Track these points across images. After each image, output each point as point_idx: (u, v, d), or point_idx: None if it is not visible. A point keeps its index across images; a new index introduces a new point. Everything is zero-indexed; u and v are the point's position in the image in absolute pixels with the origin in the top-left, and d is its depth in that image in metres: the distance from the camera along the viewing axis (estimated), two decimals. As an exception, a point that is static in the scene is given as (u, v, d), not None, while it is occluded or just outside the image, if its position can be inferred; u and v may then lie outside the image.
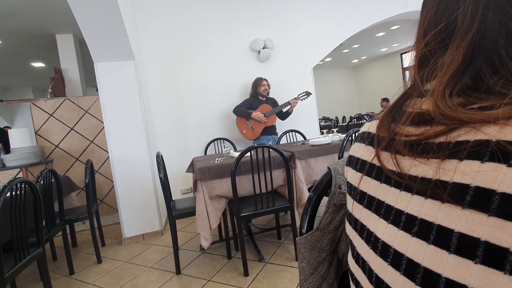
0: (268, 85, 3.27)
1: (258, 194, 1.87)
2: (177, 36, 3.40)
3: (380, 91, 9.78)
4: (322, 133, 3.26)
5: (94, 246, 2.29)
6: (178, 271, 1.96)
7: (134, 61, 2.62)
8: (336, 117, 9.30)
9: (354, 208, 0.38)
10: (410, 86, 0.34)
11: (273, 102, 3.27)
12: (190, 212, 1.98)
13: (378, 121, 0.36)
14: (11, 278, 1.40)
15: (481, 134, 0.24)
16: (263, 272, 1.85)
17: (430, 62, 0.32)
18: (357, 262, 0.36)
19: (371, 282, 0.32)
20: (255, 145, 1.83)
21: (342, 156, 2.08)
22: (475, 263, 0.21)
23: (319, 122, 5.68)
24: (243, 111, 3.16)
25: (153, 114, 3.28)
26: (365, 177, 0.36)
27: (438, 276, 0.23)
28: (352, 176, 0.40)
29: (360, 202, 0.37)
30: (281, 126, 3.52)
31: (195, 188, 1.93)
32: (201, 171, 1.88)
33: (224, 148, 2.76)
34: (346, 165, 0.44)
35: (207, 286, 1.77)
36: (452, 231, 0.23)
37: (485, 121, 0.24)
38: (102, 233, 2.69)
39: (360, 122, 5.71)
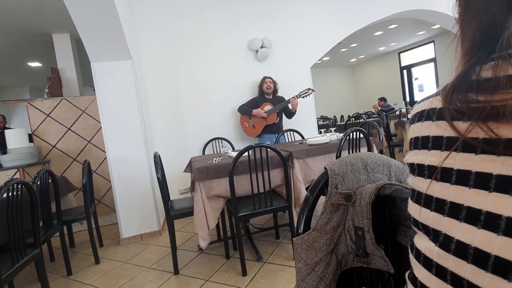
0: (273, 82, 3.34)
1: (256, 194, 1.87)
2: (175, 36, 3.39)
3: (378, 90, 9.80)
4: (320, 132, 3.26)
5: (92, 247, 2.28)
6: (176, 271, 1.96)
7: (132, 60, 2.60)
8: (335, 116, 9.30)
9: (436, 188, 0.34)
10: (476, 59, 0.32)
11: (279, 101, 3.29)
12: (188, 212, 1.98)
13: (441, 96, 0.34)
14: (8, 279, 1.39)
15: None
16: (261, 271, 1.85)
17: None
18: (449, 249, 0.32)
19: (477, 264, 0.29)
20: (253, 144, 1.82)
21: (339, 156, 2.09)
22: None
23: (317, 121, 5.68)
24: (245, 109, 3.28)
25: (151, 113, 3.27)
26: (464, 154, 0.32)
27: None
28: (428, 156, 0.36)
29: (446, 180, 0.33)
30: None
31: (192, 188, 1.92)
32: (199, 171, 1.87)
33: (222, 147, 2.75)
34: (412, 149, 0.40)
35: (205, 286, 1.77)
36: None
37: None
38: (100, 234, 2.68)
39: (358, 121, 5.71)
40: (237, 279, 1.79)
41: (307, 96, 3.22)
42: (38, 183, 1.93)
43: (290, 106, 3.24)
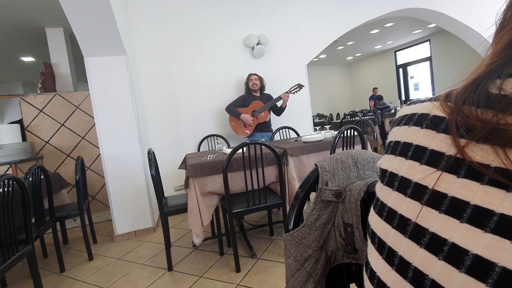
0: (259, 79, 3.23)
1: (250, 191, 1.87)
2: (170, 32, 3.36)
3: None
4: (315, 130, 3.27)
5: (85, 243, 2.27)
6: (170, 268, 1.96)
7: (126, 56, 2.58)
8: (331, 114, 9.34)
9: (403, 204, 0.31)
10: (498, 64, 0.28)
11: (268, 98, 3.24)
12: (182, 209, 1.98)
13: (441, 103, 0.30)
14: (0, 275, 1.38)
15: None
16: (254, 268, 1.86)
17: None
18: (406, 276, 0.29)
19: None
20: (248, 141, 1.82)
21: (334, 153, 2.09)
22: None
23: (313, 119, 5.69)
24: (233, 111, 3.17)
25: (145, 110, 3.25)
26: (445, 175, 0.28)
27: None
28: (404, 166, 0.32)
29: (417, 198, 0.29)
30: (275, 122, 3.52)
31: (187, 185, 1.92)
32: (193, 168, 1.87)
33: (217, 144, 2.75)
34: (389, 153, 0.35)
35: (198, 282, 1.77)
36: None
37: None
38: (94, 230, 2.67)
39: (353, 119, 5.74)
40: (231, 276, 1.79)
41: (298, 91, 3.20)
42: (30, 179, 1.91)
43: (281, 102, 3.19)
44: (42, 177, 2.10)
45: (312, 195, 0.69)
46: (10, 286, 2.00)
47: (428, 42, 8.52)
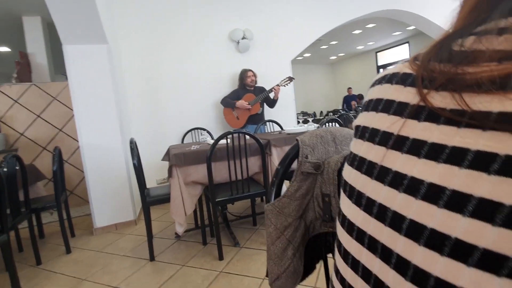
0: (255, 75, 3.36)
1: (234, 181, 1.89)
2: (154, 23, 3.31)
3: (356, 88, 10.07)
4: (299, 122, 3.33)
5: (63, 236, 2.20)
6: (152, 258, 1.94)
7: (107, 45, 2.52)
8: (314, 112, 9.49)
9: (372, 151, 0.33)
10: (463, 26, 0.30)
11: (260, 91, 3.33)
12: (164, 199, 1.96)
13: (410, 62, 0.33)
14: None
15: None
16: (237, 255, 1.88)
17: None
18: (371, 213, 0.31)
19: (393, 227, 0.29)
20: (231, 130, 1.84)
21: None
22: None
23: (297, 117, 5.77)
24: (228, 102, 3.28)
25: (128, 101, 3.19)
26: (409, 121, 0.31)
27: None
28: (375, 119, 0.34)
29: (383, 144, 0.32)
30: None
31: (170, 174, 1.91)
32: (177, 157, 1.86)
33: (201, 135, 2.74)
34: (363, 111, 0.38)
35: (181, 271, 1.77)
36: None
37: None
38: (72, 224, 2.59)
39: (336, 116, 5.87)
40: (213, 264, 1.81)
41: (288, 84, 3.31)
42: (5, 169, 1.83)
43: (273, 94, 3.29)
44: (17, 168, 2.02)
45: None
46: (-19, 280, 1.92)
47: (407, 44, 8.83)
